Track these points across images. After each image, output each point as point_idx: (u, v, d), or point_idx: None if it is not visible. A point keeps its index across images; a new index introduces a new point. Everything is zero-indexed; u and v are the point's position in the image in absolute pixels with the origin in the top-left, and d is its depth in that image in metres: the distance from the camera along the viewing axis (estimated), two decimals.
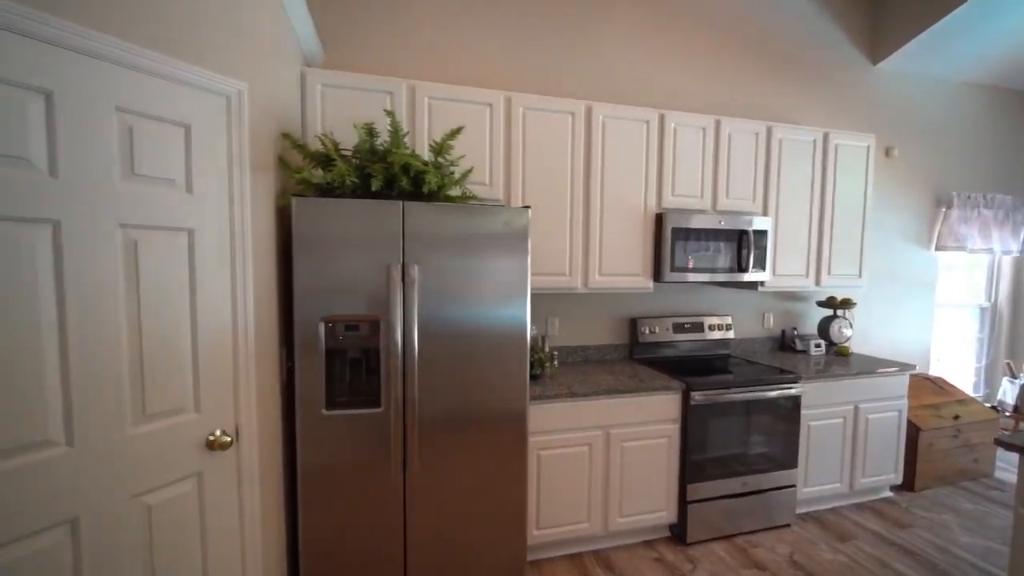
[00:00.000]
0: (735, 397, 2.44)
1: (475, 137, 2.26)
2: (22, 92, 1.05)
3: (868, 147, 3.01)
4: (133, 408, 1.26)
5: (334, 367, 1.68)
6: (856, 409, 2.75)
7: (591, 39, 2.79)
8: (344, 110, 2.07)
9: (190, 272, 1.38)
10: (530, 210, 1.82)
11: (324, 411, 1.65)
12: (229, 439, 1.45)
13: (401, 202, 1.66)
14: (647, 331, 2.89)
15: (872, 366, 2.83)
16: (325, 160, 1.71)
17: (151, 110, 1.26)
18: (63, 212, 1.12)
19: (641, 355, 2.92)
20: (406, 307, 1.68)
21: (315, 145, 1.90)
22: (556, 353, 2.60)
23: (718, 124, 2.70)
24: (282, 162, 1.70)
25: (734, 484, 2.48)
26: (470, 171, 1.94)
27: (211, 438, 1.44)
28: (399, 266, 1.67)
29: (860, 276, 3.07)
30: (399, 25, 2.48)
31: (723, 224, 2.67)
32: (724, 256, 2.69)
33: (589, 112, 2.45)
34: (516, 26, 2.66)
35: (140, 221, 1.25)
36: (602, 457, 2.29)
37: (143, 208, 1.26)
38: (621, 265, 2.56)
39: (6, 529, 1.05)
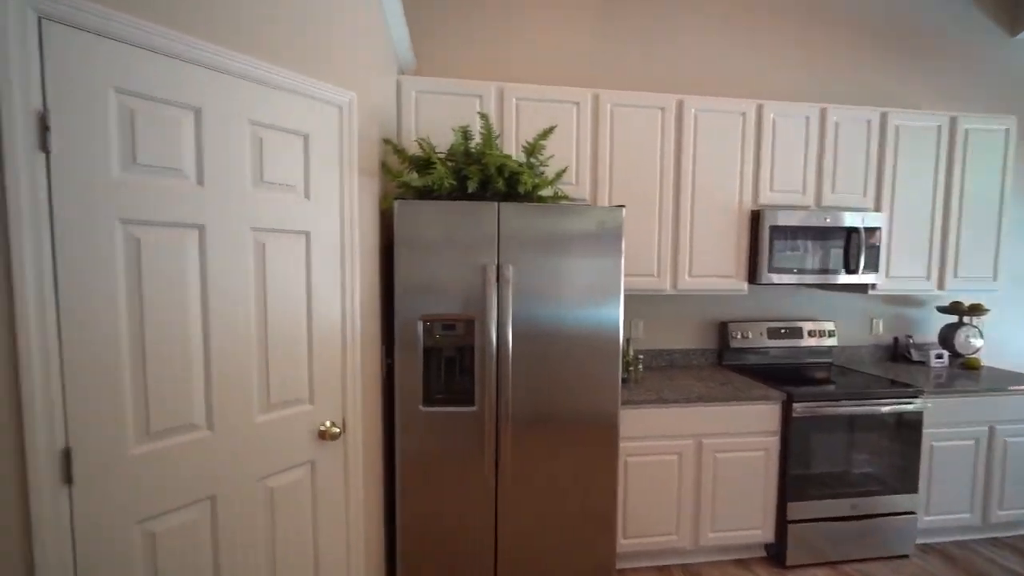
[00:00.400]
0: (843, 410, 2.23)
1: (562, 136, 2.24)
2: (178, 110, 1.17)
3: (1007, 130, 2.63)
4: (260, 397, 1.37)
5: (430, 365, 1.73)
6: (991, 431, 2.41)
7: (680, 29, 2.67)
8: (435, 114, 2.13)
9: (306, 272, 1.47)
10: (624, 209, 1.77)
11: (421, 407, 1.71)
12: (338, 430, 1.53)
13: (496, 203, 1.67)
14: (738, 336, 2.72)
15: (1010, 382, 2.47)
16: (423, 163, 1.77)
17: (277, 122, 1.36)
18: (207, 217, 1.23)
19: (731, 361, 2.75)
20: (500, 307, 1.69)
21: (413, 149, 1.97)
22: (641, 357, 2.52)
23: (823, 112, 2.48)
24: (383, 166, 1.77)
25: (842, 506, 2.27)
26: (564, 171, 1.92)
27: (322, 429, 1.53)
28: (494, 266, 1.68)
29: (995, 279, 2.69)
30: (485, 28, 2.51)
31: (828, 221, 2.45)
32: (828, 256, 2.47)
33: (680, 106, 2.35)
34: (602, 22, 2.60)
35: (267, 224, 1.36)
36: (693, 467, 2.18)
37: (269, 212, 1.36)
38: (713, 266, 2.43)
39: (164, 501, 1.18)
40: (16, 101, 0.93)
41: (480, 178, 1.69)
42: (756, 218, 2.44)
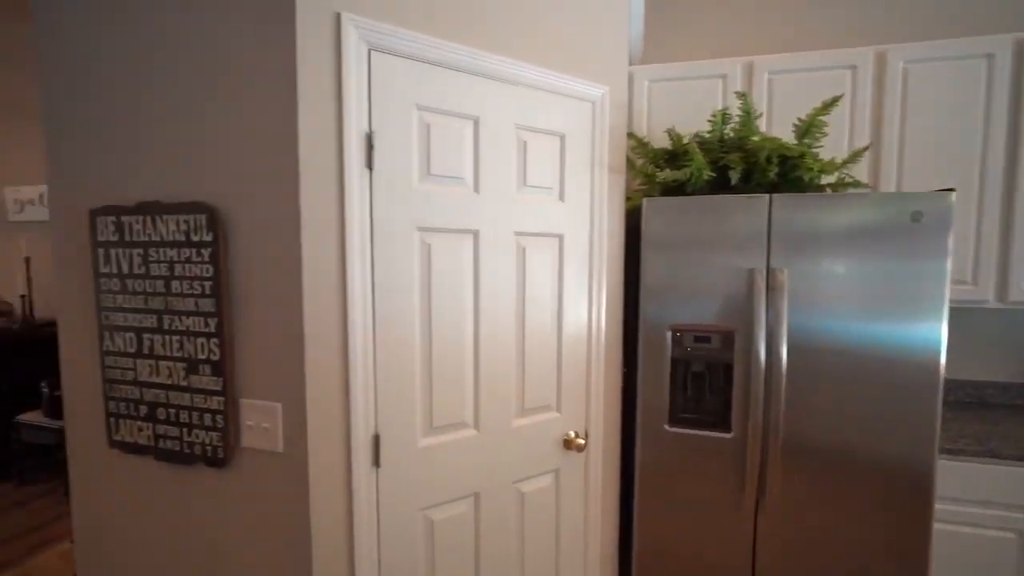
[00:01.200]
0: None
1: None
2: (460, 121, 1.22)
3: None
4: (516, 401, 1.37)
5: (675, 380, 1.55)
6: None
7: None
8: (668, 103, 1.94)
9: (558, 276, 1.43)
10: (954, 194, 1.32)
11: (667, 427, 1.54)
12: (583, 441, 1.47)
13: (768, 195, 1.41)
14: None
15: None
16: (668, 156, 1.60)
17: (538, 124, 1.34)
18: (480, 223, 1.27)
19: None
20: (770, 318, 1.42)
21: (659, 142, 1.81)
22: None
23: None
24: (629, 162, 1.65)
25: None
26: (865, 149, 1.53)
27: (567, 438, 1.48)
28: (763, 270, 1.41)
29: None
30: (717, 3, 2.22)
31: None
32: None
33: (1020, 48, 1.70)
34: None
35: (527, 228, 1.35)
36: None
37: (529, 216, 1.35)
38: None
39: (441, 493, 1.25)
40: (352, 126, 1.05)
41: (743, 167, 1.44)
42: None
